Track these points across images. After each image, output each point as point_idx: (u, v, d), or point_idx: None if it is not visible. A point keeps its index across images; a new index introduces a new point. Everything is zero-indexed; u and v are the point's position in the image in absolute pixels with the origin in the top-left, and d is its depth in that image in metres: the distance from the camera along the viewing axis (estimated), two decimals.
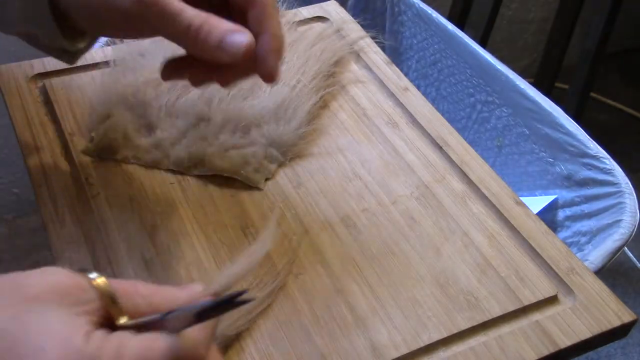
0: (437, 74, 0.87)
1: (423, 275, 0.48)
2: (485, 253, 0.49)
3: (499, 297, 0.46)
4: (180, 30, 0.41)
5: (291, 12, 0.70)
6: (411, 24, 0.87)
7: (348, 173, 0.55)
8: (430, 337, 0.44)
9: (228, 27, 0.41)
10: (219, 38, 0.41)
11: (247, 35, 0.41)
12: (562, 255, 0.49)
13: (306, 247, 0.49)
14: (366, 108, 0.61)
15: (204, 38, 0.41)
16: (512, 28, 1.59)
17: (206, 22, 0.41)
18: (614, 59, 1.68)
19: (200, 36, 0.41)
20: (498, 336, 0.44)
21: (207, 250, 0.49)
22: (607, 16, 1.15)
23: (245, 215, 0.52)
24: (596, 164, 0.66)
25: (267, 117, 0.57)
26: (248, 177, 0.54)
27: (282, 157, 0.56)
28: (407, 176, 0.55)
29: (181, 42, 0.43)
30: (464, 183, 0.54)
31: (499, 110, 0.78)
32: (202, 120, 0.57)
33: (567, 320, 0.45)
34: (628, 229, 0.61)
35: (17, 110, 0.58)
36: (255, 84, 0.60)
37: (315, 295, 0.46)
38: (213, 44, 0.41)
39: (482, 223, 0.51)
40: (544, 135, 0.72)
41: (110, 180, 0.54)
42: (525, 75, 0.77)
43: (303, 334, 0.44)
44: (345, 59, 0.66)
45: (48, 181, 0.53)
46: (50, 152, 0.55)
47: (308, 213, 0.52)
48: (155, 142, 0.56)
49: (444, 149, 0.57)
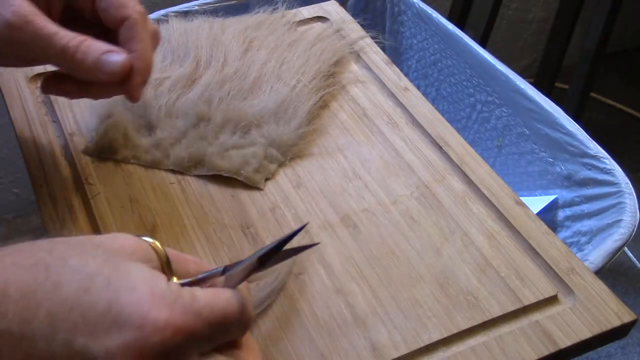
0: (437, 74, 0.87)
1: (423, 275, 0.48)
2: (485, 253, 0.49)
3: (499, 297, 0.46)
4: (57, 51, 0.44)
5: (291, 12, 0.70)
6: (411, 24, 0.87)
7: (348, 173, 0.55)
8: (430, 337, 0.44)
9: (104, 48, 0.44)
10: (96, 58, 0.44)
11: (122, 55, 0.44)
12: (562, 255, 0.49)
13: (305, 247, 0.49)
14: (366, 108, 0.61)
15: (81, 58, 0.44)
16: (512, 28, 1.59)
17: (82, 43, 0.44)
18: (614, 59, 1.68)
19: (77, 57, 0.44)
20: (498, 336, 0.44)
21: (207, 250, 0.49)
22: (607, 16, 1.15)
23: (245, 215, 0.52)
24: (596, 164, 0.66)
25: (267, 117, 0.57)
26: (248, 177, 0.54)
27: (282, 157, 0.56)
28: (407, 176, 0.55)
29: (59, 63, 0.45)
30: (464, 183, 0.54)
31: (499, 110, 0.78)
32: (202, 120, 0.57)
33: (567, 320, 0.45)
34: (628, 229, 0.61)
35: (17, 110, 0.58)
36: (255, 84, 0.60)
37: (315, 295, 0.46)
38: (90, 64, 0.44)
39: (482, 223, 0.51)
40: (544, 135, 0.72)
41: (110, 180, 0.54)
42: (525, 75, 0.77)
43: (303, 334, 0.44)
44: (345, 59, 0.66)
45: (48, 181, 0.53)
46: (50, 152, 0.55)
47: (308, 213, 0.52)
48: (155, 142, 0.56)
49: (444, 149, 0.57)
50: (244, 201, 0.53)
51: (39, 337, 0.31)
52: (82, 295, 0.32)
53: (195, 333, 0.33)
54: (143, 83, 0.47)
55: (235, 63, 0.61)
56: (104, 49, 0.44)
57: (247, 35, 0.64)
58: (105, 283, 0.33)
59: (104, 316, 0.32)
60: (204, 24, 0.64)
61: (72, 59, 0.44)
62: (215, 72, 0.60)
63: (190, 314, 0.33)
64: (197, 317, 0.34)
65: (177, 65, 0.61)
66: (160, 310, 0.32)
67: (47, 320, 0.31)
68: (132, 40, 0.46)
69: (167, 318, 0.32)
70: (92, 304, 0.32)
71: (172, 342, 0.32)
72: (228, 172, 0.54)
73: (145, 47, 0.46)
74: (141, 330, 0.32)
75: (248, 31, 0.65)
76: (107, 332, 0.32)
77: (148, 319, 0.32)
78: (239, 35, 0.64)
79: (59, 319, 0.32)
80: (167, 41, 0.63)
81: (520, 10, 1.57)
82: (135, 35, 0.46)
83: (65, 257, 0.33)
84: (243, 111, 0.57)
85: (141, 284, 0.33)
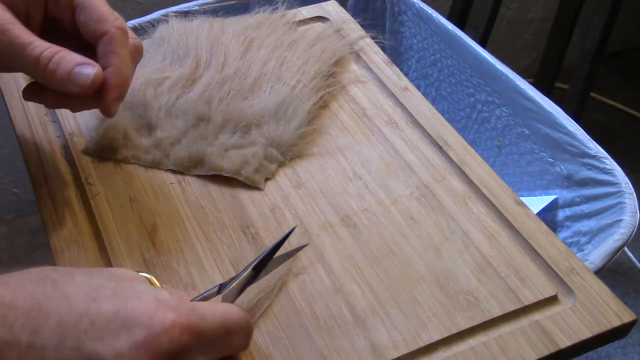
0: (437, 74, 0.87)
1: (423, 275, 0.48)
2: (485, 253, 0.49)
3: (499, 297, 0.46)
4: (31, 61, 0.44)
5: (291, 12, 0.70)
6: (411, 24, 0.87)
7: (348, 173, 0.55)
8: (430, 337, 0.44)
9: (77, 60, 0.44)
10: (68, 70, 0.44)
11: (95, 68, 0.44)
12: (562, 255, 0.49)
13: (306, 247, 0.49)
14: (366, 108, 0.61)
15: (53, 69, 0.44)
16: (512, 28, 1.59)
17: (56, 54, 0.44)
18: (614, 59, 1.68)
19: (49, 67, 0.44)
20: (498, 336, 0.44)
21: (207, 250, 0.49)
22: (607, 16, 1.15)
23: (245, 215, 0.52)
24: (596, 164, 0.66)
25: (267, 117, 0.57)
26: (248, 177, 0.54)
27: (282, 157, 0.56)
28: (407, 176, 0.55)
29: (32, 73, 0.45)
30: (464, 183, 0.54)
31: (499, 110, 0.78)
32: (202, 120, 0.57)
33: (567, 320, 0.45)
34: (628, 229, 0.61)
35: (17, 110, 0.58)
36: (255, 84, 0.60)
37: (315, 295, 0.46)
38: (61, 76, 0.44)
39: (482, 223, 0.51)
40: (544, 135, 0.72)
41: (110, 180, 0.54)
42: (525, 75, 0.77)
43: (303, 334, 0.44)
44: (345, 58, 0.66)
45: (48, 181, 0.53)
46: (50, 152, 0.56)
47: (308, 213, 0.52)
48: (155, 142, 0.56)
49: (444, 149, 0.57)
50: (244, 201, 0.53)
51: (48, 346, 0.32)
52: (90, 304, 0.33)
53: (201, 334, 0.34)
54: (118, 98, 0.47)
55: (235, 63, 0.61)
56: (78, 61, 0.44)
57: (247, 35, 0.64)
58: (111, 293, 0.34)
59: (112, 321, 0.33)
60: (204, 24, 0.64)
61: (44, 69, 0.44)
62: (215, 72, 0.60)
63: (195, 316, 0.34)
64: (201, 318, 0.35)
65: (177, 65, 0.61)
66: (166, 312, 0.33)
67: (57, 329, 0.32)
68: (110, 55, 0.46)
69: (173, 318, 0.33)
70: (100, 310, 0.33)
71: (180, 341, 0.33)
72: (228, 172, 0.54)
73: (122, 62, 0.46)
74: (149, 330, 0.33)
75: (248, 31, 0.65)
76: (115, 335, 0.32)
77: (156, 319, 0.33)
78: (239, 35, 0.64)
79: (69, 327, 0.32)
80: (167, 41, 0.63)
81: (520, 10, 1.57)
82: (113, 50, 0.46)
83: (72, 273, 0.35)
84: (243, 111, 0.57)
85: (145, 293, 0.35)
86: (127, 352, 0.32)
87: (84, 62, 0.44)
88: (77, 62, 0.44)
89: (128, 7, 1.18)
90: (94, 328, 0.32)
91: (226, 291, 0.40)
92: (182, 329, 0.33)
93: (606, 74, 1.66)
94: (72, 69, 0.44)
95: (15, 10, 0.45)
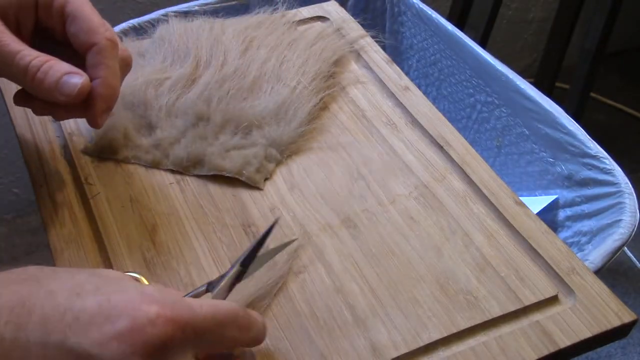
0: (437, 74, 0.87)
1: (423, 275, 0.48)
2: (486, 253, 0.49)
3: (499, 297, 0.46)
4: (20, 69, 0.44)
5: (291, 12, 0.70)
6: (411, 24, 0.87)
7: (349, 173, 0.55)
8: (430, 336, 0.44)
9: (65, 69, 0.44)
10: (56, 79, 0.44)
11: (82, 78, 0.44)
12: (563, 255, 0.49)
13: (306, 246, 0.49)
14: (365, 109, 0.61)
15: (41, 78, 0.44)
16: (512, 28, 1.59)
17: (45, 63, 0.44)
18: (614, 59, 1.68)
19: (37, 76, 0.44)
20: (498, 336, 0.44)
21: (207, 250, 0.49)
22: (607, 16, 1.15)
23: (246, 214, 0.52)
24: (596, 164, 0.66)
25: (268, 118, 0.57)
26: (250, 177, 0.54)
27: (280, 156, 0.56)
28: (407, 176, 0.55)
29: (21, 81, 0.45)
30: (464, 183, 0.54)
31: (499, 110, 0.78)
32: (201, 119, 0.57)
33: (567, 320, 0.45)
34: (628, 229, 0.61)
35: (17, 110, 0.58)
36: (255, 83, 0.60)
37: (315, 295, 0.46)
38: (49, 85, 0.44)
39: (482, 223, 0.51)
40: (544, 135, 0.72)
41: (110, 180, 0.54)
42: (525, 75, 0.77)
43: (303, 334, 0.44)
44: (345, 57, 0.66)
45: (48, 181, 0.53)
46: (50, 152, 0.56)
47: (308, 213, 0.52)
48: (155, 142, 0.56)
49: (445, 149, 0.57)
50: (243, 201, 0.53)
51: (32, 341, 0.32)
52: (74, 299, 0.33)
53: (187, 325, 0.34)
54: (106, 110, 0.47)
55: (234, 62, 0.61)
56: (66, 70, 0.44)
57: (247, 35, 0.64)
58: (95, 288, 0.34)
59: (96, 315, 0.33)
60: (204, 25, 0.64)
61: (32, 78, 0.44)
62: (214, 72, 0.60)
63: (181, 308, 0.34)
64: (188, 310, 0.34)
65: (177, 65, 0.61)
66: (150, 304, 0.33)
67: (41, 324, 0.32)
68: (98, 67, 0.46)
69: (157, 310, 0.33)
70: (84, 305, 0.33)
71: (165, 333, 0.33)
72: (230, 172, 0.54)
73: (111, 74, 0.46)
74: (134, 321, 0.32)
75: (248, 31, 0.65)
76: (99, 328, 0.32)
77: (140, 311, 0.33)
78: (239, 34, 0.64)
79: (53, 322, 0.32)
80: (167, 41, 0.63)
81: (520, 10, 1.57)
82: (102, 62, 0.46)
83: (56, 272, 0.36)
84: (244, 112, 0.57)
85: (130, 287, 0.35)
86: (110, 343, 0.32)
87: (72, 71, 0.44)
88: (65, 71, 0.44)
89: (128, 7, 1.18)
90: (78, 322, 0.32)
91: (217, 290, 0.40)
92: (166, 320, 0.33)
93: (606, 74, 1.66)
94: (59, 78, 0.44)
95: (6, 19, 0.46)
